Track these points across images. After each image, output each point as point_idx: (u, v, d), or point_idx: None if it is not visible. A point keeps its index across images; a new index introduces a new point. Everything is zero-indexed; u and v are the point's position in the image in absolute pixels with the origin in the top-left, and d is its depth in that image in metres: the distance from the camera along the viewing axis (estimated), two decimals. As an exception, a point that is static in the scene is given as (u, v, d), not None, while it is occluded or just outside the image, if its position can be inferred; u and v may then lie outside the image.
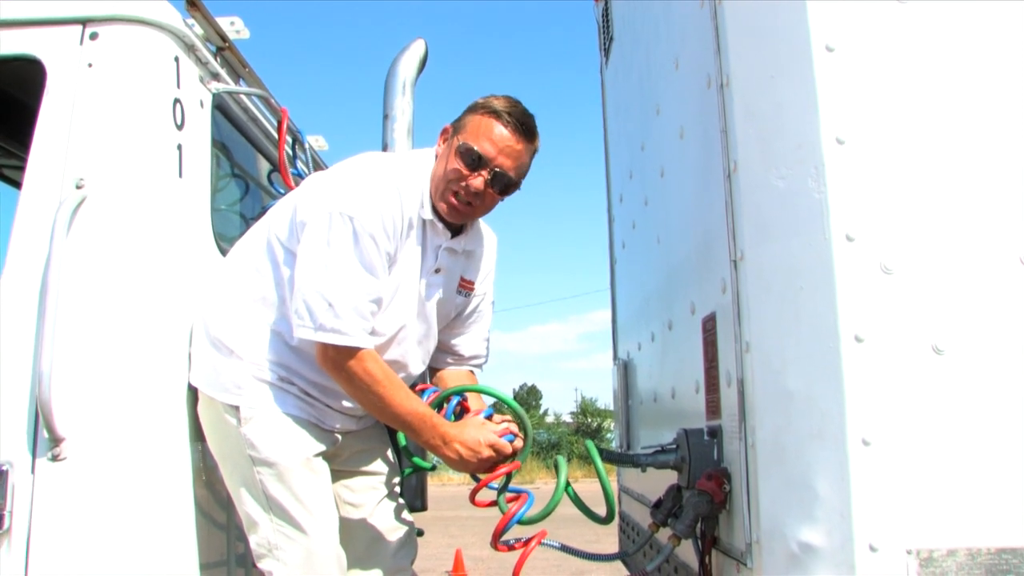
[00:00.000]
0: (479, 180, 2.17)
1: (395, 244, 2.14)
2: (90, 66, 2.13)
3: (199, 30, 2.41)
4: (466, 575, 8.74)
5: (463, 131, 2.20)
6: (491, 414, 2.24)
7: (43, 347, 1.90)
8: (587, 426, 35.36)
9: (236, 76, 2.69)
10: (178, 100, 2.25)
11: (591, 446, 2.14)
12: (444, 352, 2.50)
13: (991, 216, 1.66)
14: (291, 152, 3.07)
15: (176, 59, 2.26)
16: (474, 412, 2.25)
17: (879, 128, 1.69)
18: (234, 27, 2.61)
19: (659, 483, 2.27)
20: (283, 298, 2.16)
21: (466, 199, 2.19)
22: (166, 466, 2.06)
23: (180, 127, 2.24)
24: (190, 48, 2.33)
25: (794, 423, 1.66)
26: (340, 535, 2.18)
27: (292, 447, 2.13)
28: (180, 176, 2.23)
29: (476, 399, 2.35)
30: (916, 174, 1.68)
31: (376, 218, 2.08)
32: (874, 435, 1.58)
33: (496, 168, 2.17)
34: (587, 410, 36.46)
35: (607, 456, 2.26)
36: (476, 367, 2.55)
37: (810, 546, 1.61)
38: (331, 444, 2.24)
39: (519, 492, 2.19)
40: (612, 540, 3.82)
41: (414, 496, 2.86)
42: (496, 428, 2.18)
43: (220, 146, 2.65)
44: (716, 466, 1.93)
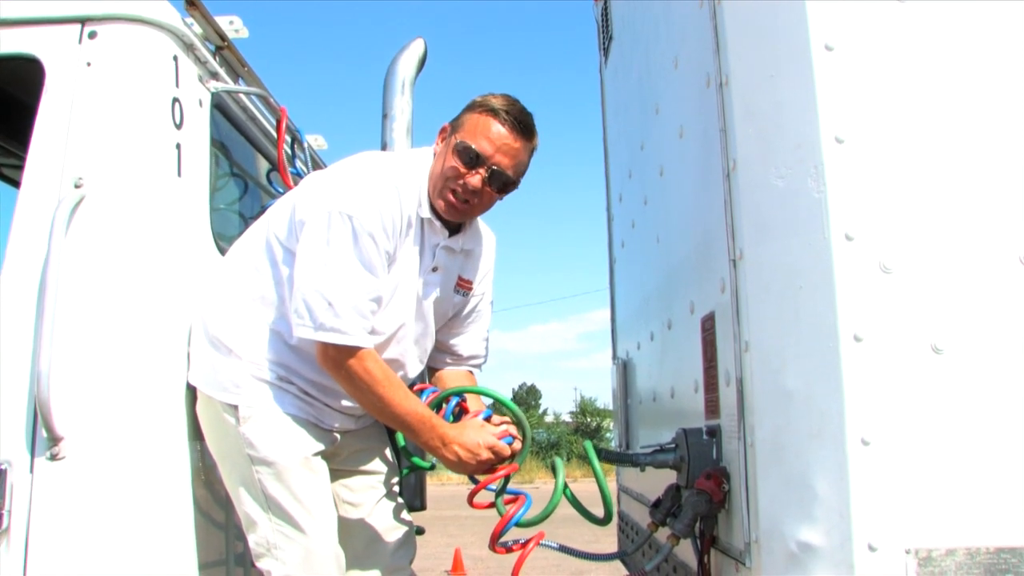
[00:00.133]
0: (477, 178, 2.16)
1: (394, 243, 2.14)
2: (89, 65, 2.12)
3: (198, 29, 2.41)
4: (465, 574, 8.75)
5: (461, 129, 2.19)
6: (490, 415, 2.24)
7: (42, 346, 1.90)
8: (586, 426, 35.36)
9: (235, 75, 2.69)
10: (177, 99, 2.25)
11: (589, 447, 2.13)
12: (443, 352, 2.50)
13: (991, 216, 1.66)
14: (290, 151, 3.07)
15: (175, 58, 2.26)
16: (473, 413, 2.24)
17: (878, 127, 1.69)
18: (233, 26, 2.61)
19: (658, 482, 2.27)
20: (282, 297, 2.16)
21: (464, 197, 2.19)
22: (165, 465, 2.06)
23: (179, 126, 2.24)
24: (189, 47, 2.33)
25: (793, 422, 1.66)
26: (339, 534, 2.18)
27: (291, 446, 2.13)
28: (179, 175, 2.23)
29: (475, 400, 2.34)
30: (915, 174, 1.68)
31: (375, 217, 2.08)
32: (873, 434, 1.58)
33: (494, 166, 2.17)
34: (586, 410, 36.47)
35: (606, 456, 2.25)
36: (475, 367, 2.55)
37: (809, 545, 1.61)
38: (330, 443, 2.24)
39: (517, 494, 2.18)
40: (611, 540, 3.82)
41: (413, 495, 2.86)
42: (495, 430, 2.17)
43: (219, 145, 2.65)
44: (715, 465, 1.93)
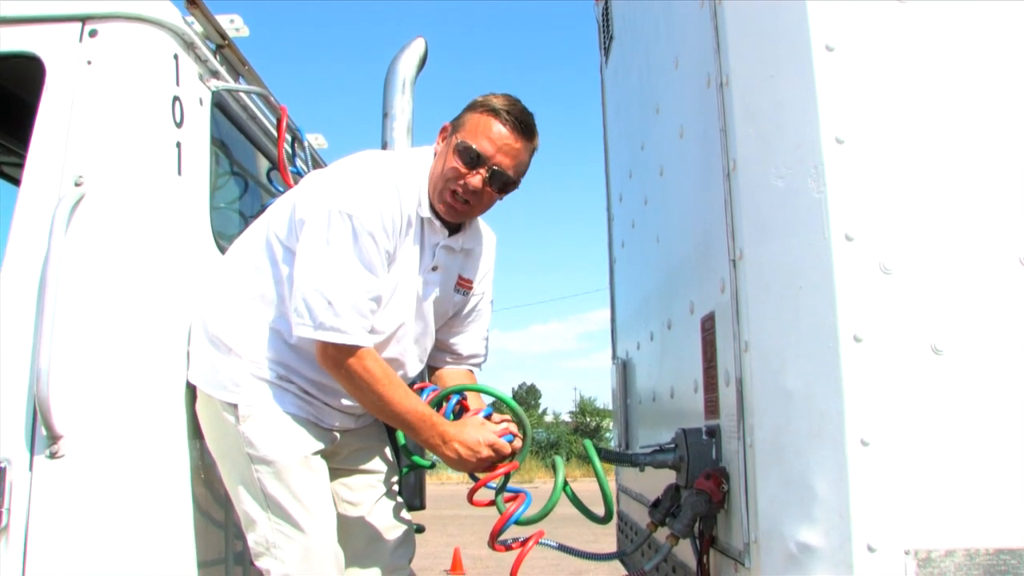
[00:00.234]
0: (477, 178, 2.16)
1: (394, 242, 2.14)
2: (89, 63, 2.12)
3: (199, 28, 2.40)
4: (464, 574, 8.75)
5: (462, 129, 2.19)
6: (490, 413, 2.24)
7: (41, 344, 1.90)
8: (586, 425, 35.38)
9: (235, 74, 2.69)
10: (177, 98, 2.25)
11: (589, 446, 2.13)
12: (443, 351, 2.50)
13: (991, 216, 1.66)
14: (290, 150, 3.07)
15: (175, 57, 2.26)
16: (473, 411, 2.24)
17: (879, 128, 1.69)
18: (233, 25, 2.62)
19: (657, 482, 2.27)
20: (282, 296, 2.16)
21: (464, 197, 2.19)
22: (164, 464, 2.06)
23: (179, 125, 2.24)
24: (189, 46, 2.33)
25: (793, 423, 1.66)
26: (338, 533, 2.18)
27: (290, 445, 2.13)
28: (179, 174, 2.22)
29: (475, 398, 2.34)
30: (916, 174, 1.68)
31: (375, 216, 2.08)
32: (873, 435, 1.58)
33: (494, 166, 2.17)
34: (586, 409, 36.51)
35: (606, 455, 2.26)
36: (475, 366, 2.55)
37: (808, 546, 1.61)
38: (329, 442, 2.24)
39: (517, 492, 2.19)
40: (611, 539, 3.82)
41: (412, 494, 2.85)
42: (495, 428, 2.18)
43: (219, 144, 2.65)
44: (714, 465, 1.93)
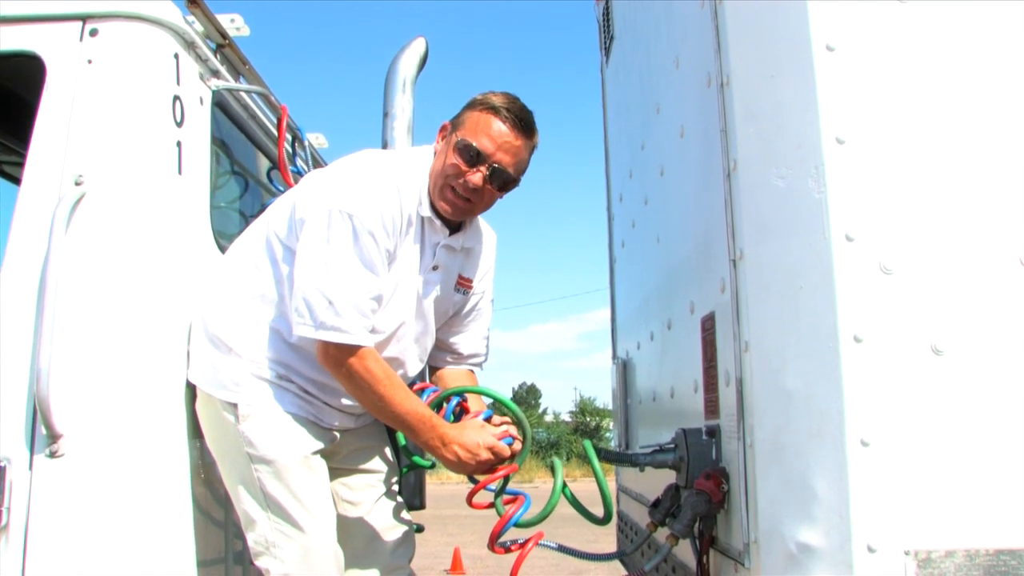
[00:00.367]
0: (478, 176, 2.16)
1: (394, 241, 2.14)
2: (90, 63, 2.12)
3: (199, 27, 2.40)
4: (464, 573, 8.75)
5: (462, 127, 2.19)
6: (490, 415, 2.23)
7: (42, 343, 1.90)
8: (586, 425, 35.37)
9: (236, 73, 2.69)
10: (178, 97, 2.25)
11: (589, 447, 2.13)
12: (443, 351, 2.50)
13: (991, 217, 1.66)
14: (291, 149, 3.07)
15: (176, 56, 2.26)
16: (473, 413, 2.24)
17: (879, 128, 1.69)
18: (234, 24, 2.62)
19: (657, 482, 2.27)
20: (282, 295, 2.16)
21: (465, 195, 2.19)
22: (164, 463, 2.06)
23: (180, 124, 2.24)
24: (190, 45, 2.33)
25: (793, 423, 1.65)
26: (338, 533, 2.18)
27: (290, 445, 2.13)
28: (179, 173, 2.22)
29: (476, 400, 2.34)
30: (916, 174, 1.68)
31: (375, 215, 2.08)
32: (873, 435, 1.58)
33: (495, 164, 2.17)
34: (586, 409, 36.49)
35: (605, 455, 2.26)
36: (475, 366, 2.55)
37: (808, 546, 1.60)
38: (329, 442, 2.24)
39: (516, 494, 2.18)
40: (610, 540, 3.81)
41: (412, 494, 2.86)
42: (495, 430, 2.17)
43: (220, 143, 2.65)
44: (714, 466, 1.93)
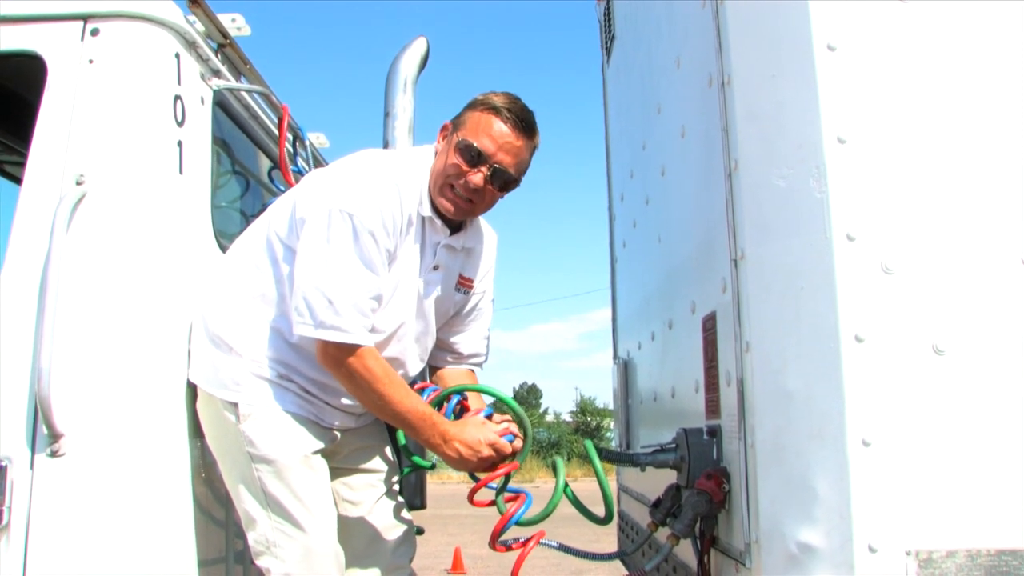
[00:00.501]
0: (478, 176, 2.16)
1: (394, 241, 2.14)
2: (91, 62, 2.12)
3: (200, 27, 2.40)
4: (465, 573, 8.75)
5: (463, 127, 2.19)
6: (491, 413, 2.24)
7: (43, 343, 1.90)
8: (586, 425, 35.37)
9: (237, 73, 2.69)
10: (179, 97, 2.25)
11: (590, 446, 2.13)
12: (443, 350, 2.50)
13: (992, 216, 1.66)
14: (291, 149, 3.07)
15: (177, 56, 2.26)
16: (474, 411, 2.24)
17: (880, 128, 1.69)
18: (235, 24, 2.61)
19: (658, 482, 2.27)
20: (282, 295, 2.16)
21: (465, 196, 2.19)
22: (165, 463, 2.06)
23: (181, 124, 2.24)
24: (191, 45, 2.33)
25: (794, 423, 1.66)
26: (339, 533, 2.18)
27: (291, 444, 2.13)
28: (180, 173, 2.22)
29: (476, 398, 2.34)
30: (917, 174, 1.68)
31: (376, 215, 2.08)
32: (874, 435, 1.58)
33: (495, 164, 2.17)
34: (586, 409, 36.47)
35: (606, 455, 2.25)
36: (476, 366, 2.55)
37: (809, 546, 1.60)
38: (330, 441, 2.24)
39: (518, 492, 2.19)
40: (611, 539, 3.82)
41: (413, 494, 2.86)
42: (496, 428, 2.18)
43: (221, 143, 2.65)
44: (715, 466, 1.93)
